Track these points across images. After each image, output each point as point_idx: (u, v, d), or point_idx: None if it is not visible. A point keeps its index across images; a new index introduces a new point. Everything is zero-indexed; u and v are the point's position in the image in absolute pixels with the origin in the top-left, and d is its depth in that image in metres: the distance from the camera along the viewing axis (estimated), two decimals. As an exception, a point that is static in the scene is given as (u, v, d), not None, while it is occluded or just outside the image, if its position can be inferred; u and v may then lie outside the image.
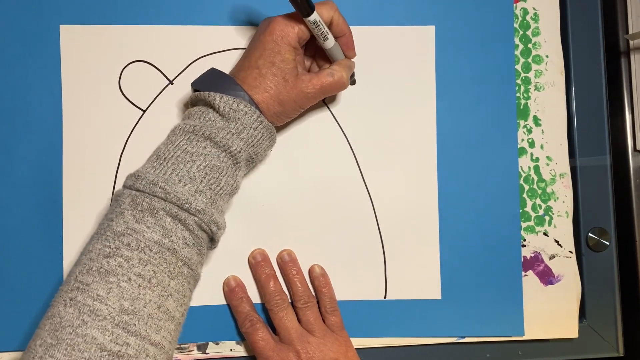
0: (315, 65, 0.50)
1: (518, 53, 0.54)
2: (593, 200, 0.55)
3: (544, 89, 0.54)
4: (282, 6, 0.52)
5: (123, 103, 0.51)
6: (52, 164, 0.50)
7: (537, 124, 0.54)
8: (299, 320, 0.49)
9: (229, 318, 0.51)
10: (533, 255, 0.54)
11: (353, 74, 0.52)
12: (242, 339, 0.51)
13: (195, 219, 0.40)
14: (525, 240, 0.54)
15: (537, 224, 0.54)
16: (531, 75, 0.54)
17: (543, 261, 0.54)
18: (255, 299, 0.51)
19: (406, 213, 0.53)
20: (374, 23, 0.53)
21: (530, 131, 0.54)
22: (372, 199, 0.53)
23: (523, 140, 0.54)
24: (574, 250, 0.54)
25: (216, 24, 0.52)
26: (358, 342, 0.52)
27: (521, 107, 0.54)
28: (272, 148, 0.49)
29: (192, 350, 0.51)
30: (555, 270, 0.54)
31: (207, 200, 0.41)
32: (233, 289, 0.50)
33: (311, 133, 0.52)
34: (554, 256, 0.54)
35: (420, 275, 0.53)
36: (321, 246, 0.52)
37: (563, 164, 0.54)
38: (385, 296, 0.52)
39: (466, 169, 0.53)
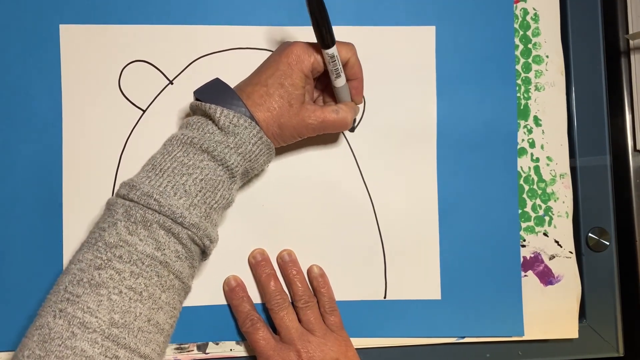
0: (321, 100, 0.50)
1: (518, 53, 0.54)
2: (593, 200, 0.55)
3: (544, 89, 0.54)
4: (282, 5, 0.52)
5: (123, 103, 0.51)
6: (52, 164, 0.50)
7: (538, 124, 0.54)
8: (299, 320, 0.49)
9: (229, 318, 0.51)
10: (533, 255, 0.54)
11: (355, 119, 0.52)
12: (242, 339, 0.51)
13: (189, 232, 0.40)
14: (525, 240, 0.54)
15: (537, 224, 0.54)
16: (531, 75, 0.54)
17: (543, 261, 0.54)
18: (256, 298, 0.51)
19: (406, 213, 0.53)
20: (374, 23, 0.53)
21: (530, 131, 0.54)
22: (372, 199, 0.53)
23: (523, 140, 0.54)
24: (574, 251, 0.54)
25: (216, 24, 0.52)
26: (358, 342, 0.52)
27: (521, 108, 0.54)
28: (270, 162, 0.48)
29: (192, 350, 0.51)
30: (555, 270, 0.54)
31: (202, 214, 0.41)
32: (233, 289, 0.50)
33: (311, 133, 0.52)
34: (554, 256, 0.54)
35: (420, 276, 0.53)
36: (321, 246, 0.52)
37: (563, 165, 0.54)
38: (385, 296, 0.52)
39: (466, 169, 0.53)
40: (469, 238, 0.53)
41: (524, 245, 0.54)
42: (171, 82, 0.52)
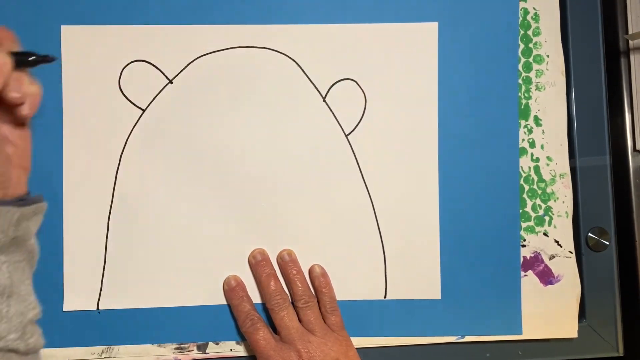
0: None
1: (519, 52, 0.54)
2: (593, 200, 0.55)
3: (544, 89, 0.54)
4: (282, 4, 0.52)
5: (123, 102, 0.51)
6: (52, 164, 0.50)
7: (538, 124, 0.54)
8: (300, 320, 0.49)
9: (229, 318, 0.51)
10: (533, 255, 0.54)
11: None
12: (242, 339, 0.51)
13: None
14: (525, 240, 0.54)
15: (537, 224, 0.54)
16: (532, 75, 0.54)
17: (543, 261, 0.54)
18: (256, 298, 0.51)
19: (406, 213, 0.53)
20: (375, 20, 0.53)
21: (530, 131, 0.54)
22: (372, 199, 0.53)
23: (524, 140, 0.54)
24: (573, 250, 0.54)
25: (216, 24, 0.52)
26: (358, 342, 0.52)
27: (522, 107, 0.54)
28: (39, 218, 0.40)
29: (192, 350, 0.51)
30: (555, 270, 0.54)
31: None
32: (233, 288, 0.50)
33: (311, 133, 0.52)
34: (554, 256, 0.54)
35: (420, 275, 0.53)
36: (321, 246, 0.52)
37: (563, 164, 0.54)
38: (385, 296, 0.52)
39: (467, 169, 0.53)
40: (469, 238, 0.53)
41: (524, 245, 0.54)
42: (171, 82, 0.51)
